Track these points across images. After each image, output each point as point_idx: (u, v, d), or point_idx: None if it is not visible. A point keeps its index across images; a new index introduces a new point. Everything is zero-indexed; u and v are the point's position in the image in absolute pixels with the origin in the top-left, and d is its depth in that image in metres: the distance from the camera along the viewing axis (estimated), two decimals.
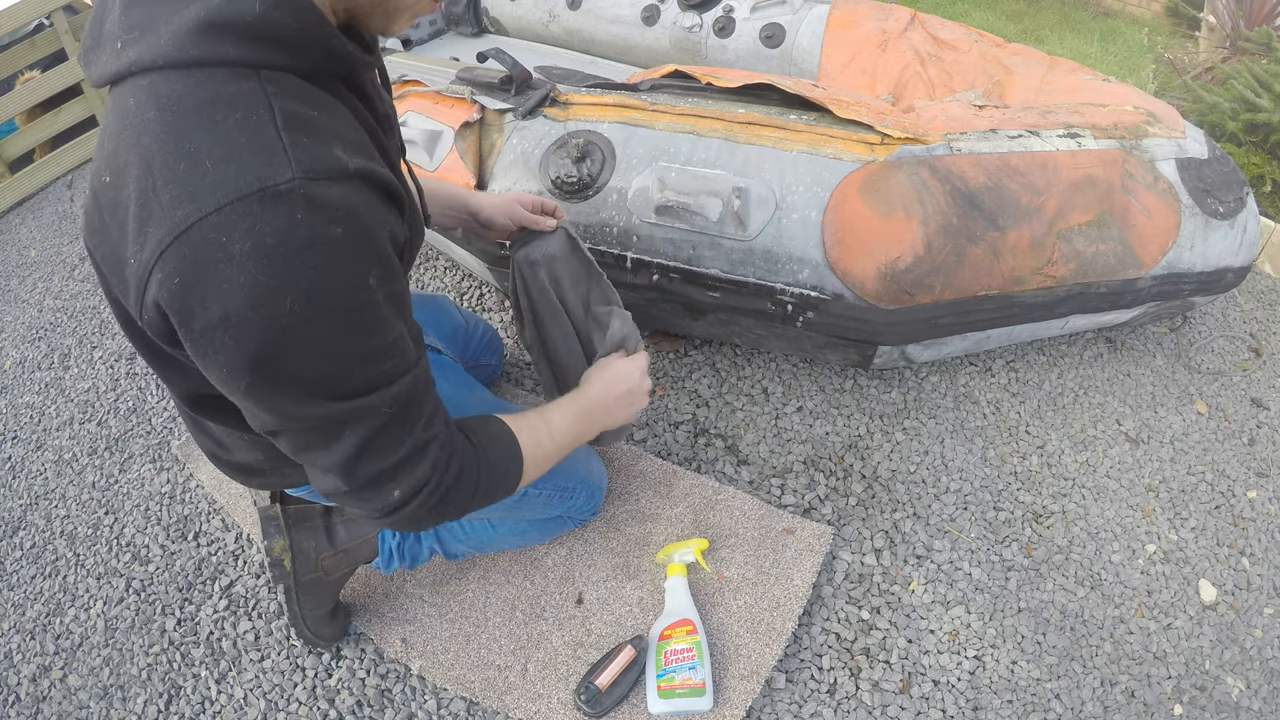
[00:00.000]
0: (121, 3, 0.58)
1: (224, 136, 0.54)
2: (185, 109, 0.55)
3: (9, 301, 2.09)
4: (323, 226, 0.56)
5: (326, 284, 0.57)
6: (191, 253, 0.54)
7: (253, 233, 0.53)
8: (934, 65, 1.80)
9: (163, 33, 0.55)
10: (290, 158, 0.55)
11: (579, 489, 1.20)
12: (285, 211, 0.54)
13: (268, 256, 0.54)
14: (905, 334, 1.35)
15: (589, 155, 1.36)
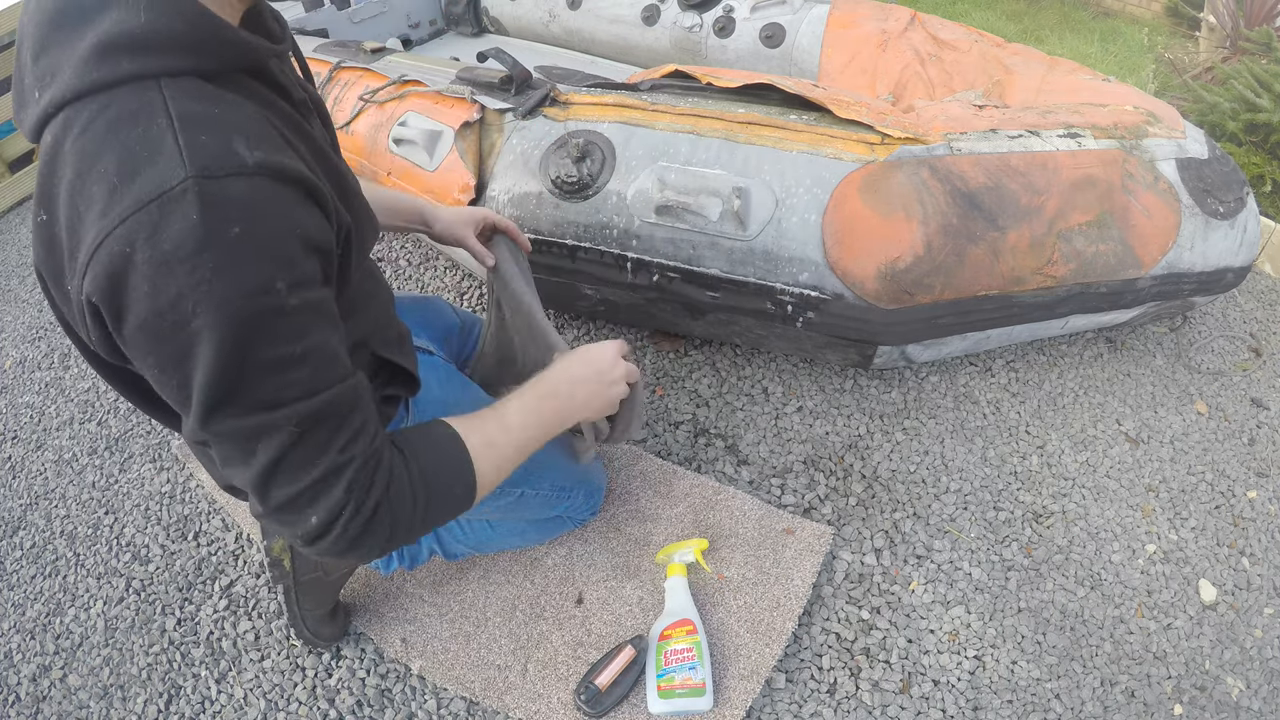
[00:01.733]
0: (30, 56, 0.58)
1: (127, 152, 0.54)
2: (95, 134, 0.55)
3: (9, 301, 2.09)
4: (218, 225, 0.54)
5: (225, 289, 0.55)
6: (104, 268, 0.54)
7: (152, 240, 0.53)
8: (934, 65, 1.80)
9: (66, 69, 0.56)
10: (184, 159, 0.54)
11: (578, 489, 1.20)
12: (182, 214, 0.53)
13: (165, 262, 0.53)
14: (905, 334, 1.35)
15: (589, 155, 1.36)
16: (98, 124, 0.55)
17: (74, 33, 0.56)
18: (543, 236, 1.41)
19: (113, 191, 0.54)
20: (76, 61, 0.56)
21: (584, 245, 1.38)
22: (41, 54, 0.58)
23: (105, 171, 0.54)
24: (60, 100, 0.56)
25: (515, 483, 1.10)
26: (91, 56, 0.55)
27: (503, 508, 1.14)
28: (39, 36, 0.58)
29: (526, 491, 1.13)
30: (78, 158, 0.55)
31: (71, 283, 0.57)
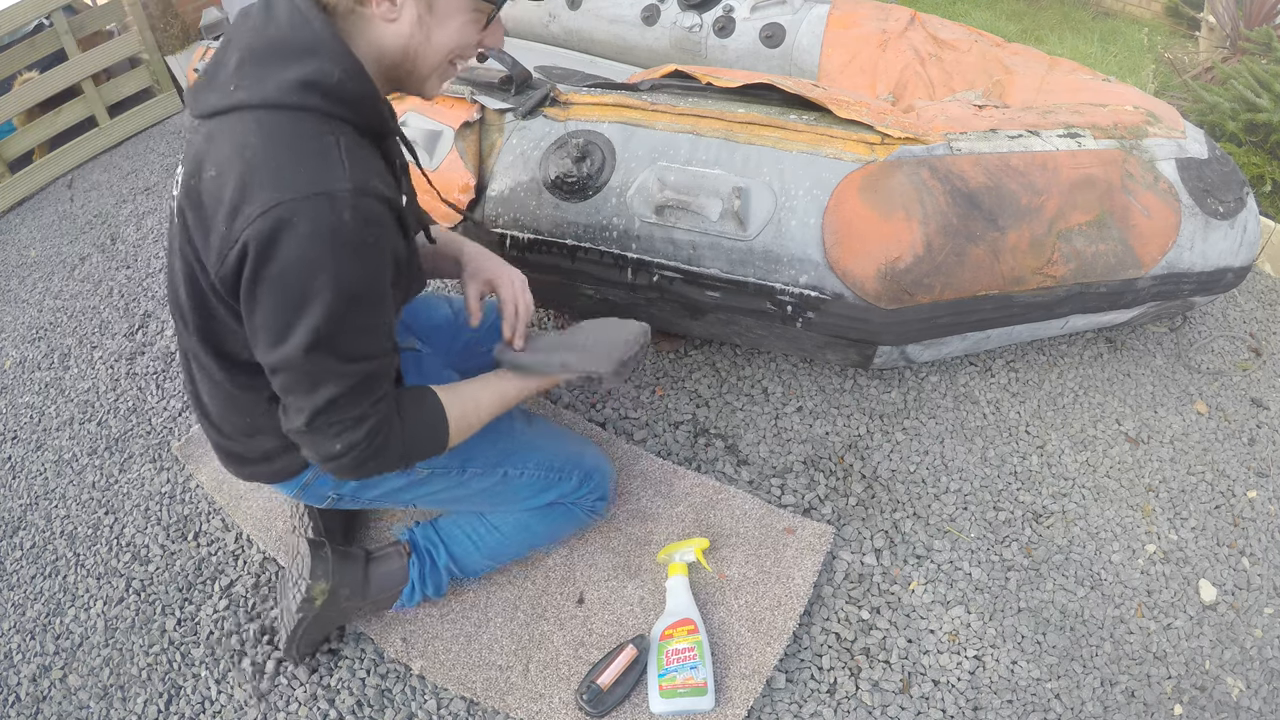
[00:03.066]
0: (236, 60, 0.81)
1: (305, 156, 0.78)
2: (281, 135, 0.79)
3: (9, 301, 2.09)
4: (360, 229, 0.79)
5: (354, 272, 0.79)
6: (272, 225, 0.75)
7: (313, 219, 0.76)
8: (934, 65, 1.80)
9: (270, 84, 0.79)
10: (347, 174, 0.79)
11: (571, 470, 1.19)
12: (337, 210, 0.77)
13: (320, 239, 0.76)
14: (905, 334, 1.35)
15: (589, 155, 1.36)
16: (285, 130, 0.79)
17: (283, 62, 0.80)
18: (543, 236, 1.41)
19: (291, 175, 0.76)
20: (281, 83, 0.79)
21: (584, 245, 1.38)
22: (249, 63, 0.81)
23: (284, 162, 0.77)
24: (256, 103, 0.79)
25: (496, 463, 1.13)
26: (295, 85, 0.79)
27: (489, 491, 1.15)
28: (250, 52, 0.81)
29: (510, 471, 1.14)
30: (263, 146, 0.78)
31: (229, 224, 0.77)
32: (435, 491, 1.13)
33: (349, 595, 1.14)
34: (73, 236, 2.29)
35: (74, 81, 2.49)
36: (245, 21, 0.85)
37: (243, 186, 0.77)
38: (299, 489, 1.07)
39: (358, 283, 0.80)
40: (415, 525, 1.25)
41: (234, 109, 0.81)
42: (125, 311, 1.97)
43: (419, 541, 1.21)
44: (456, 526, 1.22)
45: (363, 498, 1.13)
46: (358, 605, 1.17)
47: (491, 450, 1.13)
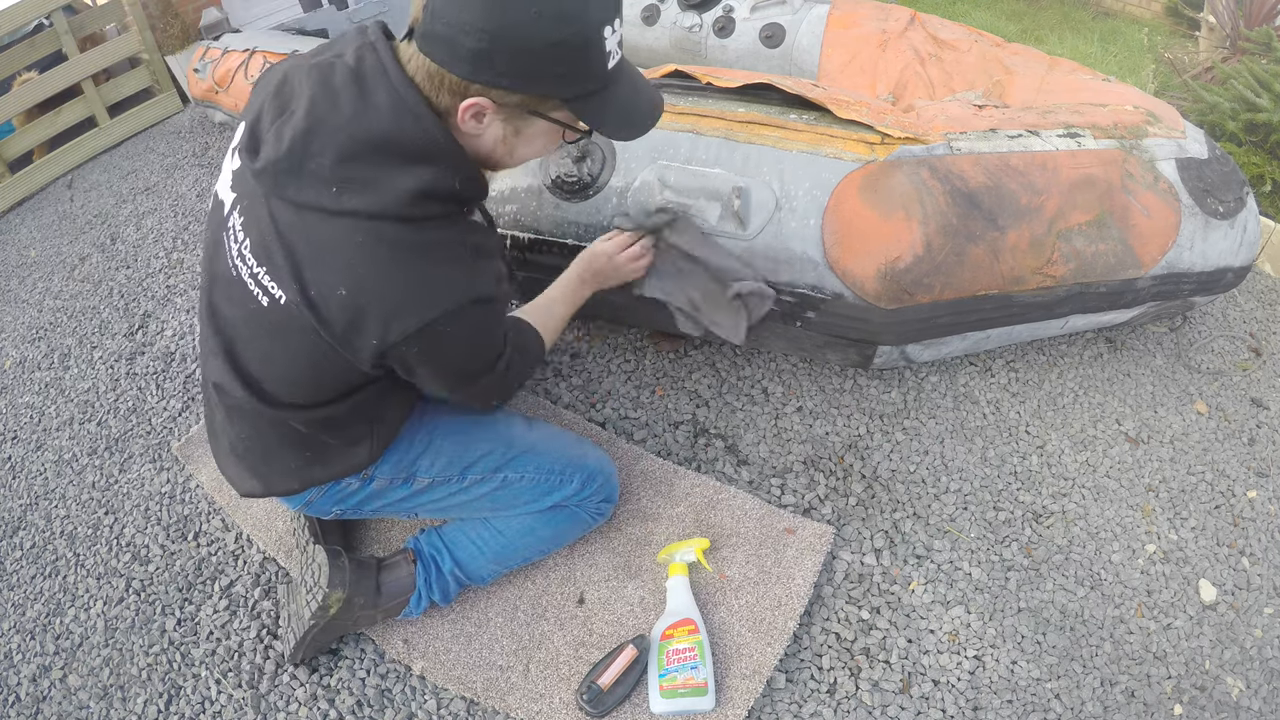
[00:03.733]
0: (335, 157, 0.79)
1: (446, 269, 0.84)
2: (413, 250, 0.82)
3: (9, 301, 2.09)
4: (495, 310, 0.93)
5: (494, 333, 0.97)
6: (427, 338, 0.84)
7: (464, 324, 0.86)
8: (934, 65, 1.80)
9: (386, 192, 0.79)
10: (484, 282, 0.87)
11: (572, 473, 1.19)
12: (482, 310, 0.87)
13: (470, 333, 0.89)
14: (905, 334, 1.35)
15: (589, 155, 1.36)
16: (412, 242, 0.81)
17: (395, 167, 0.80)
18: (543, 236, 1.41)
19: (434, 293, 0.82)
20: (398, 194, 0.79)
21: (585, 245, 1.38)
22: (351, 161, 0.79)
23: (428, 278, 0.82)
24: (373, 213, 0.80)
25: (496, 468, 1.14)
26: (414, 196, 0.80)
27: (490, 497, 1.15)
28: (353, 147, 0.79)
29: (509, 475, 1.14)
30: (394, 264, 0.81)
31: (380, 336, 0.83)
32: (437, 499, 1.14)
33: (363, 604, 1.15)
34: (73, 236, 2.29)
35: (74, 81, 2.49)
36: (327, 97, 0.81)
37: (387, 307, 0.81)
38: (303, 505, 1.09)
39: (495, 337, 0.97)
40: (420, 533, 1.25)
41: (343, 214, 0.80)
42: (125, 311, 1.97)
43: (423, 549, 1.21)
44: (461, 533, 1.22)
45: (365, 509, 1.14)
46: (370, 614, 1.18)
47: (491, 456, 1.14)
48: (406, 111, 0.79)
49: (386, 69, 0.80)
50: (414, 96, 0.79)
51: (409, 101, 0.79)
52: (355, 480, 1.07)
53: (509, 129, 0.85)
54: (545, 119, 0.84)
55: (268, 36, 2.50)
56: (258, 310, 0.88)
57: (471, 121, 0.81)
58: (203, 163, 2.53)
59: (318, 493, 1.06)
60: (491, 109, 0.80)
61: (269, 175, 0.82)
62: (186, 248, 2.16)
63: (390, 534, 1.37)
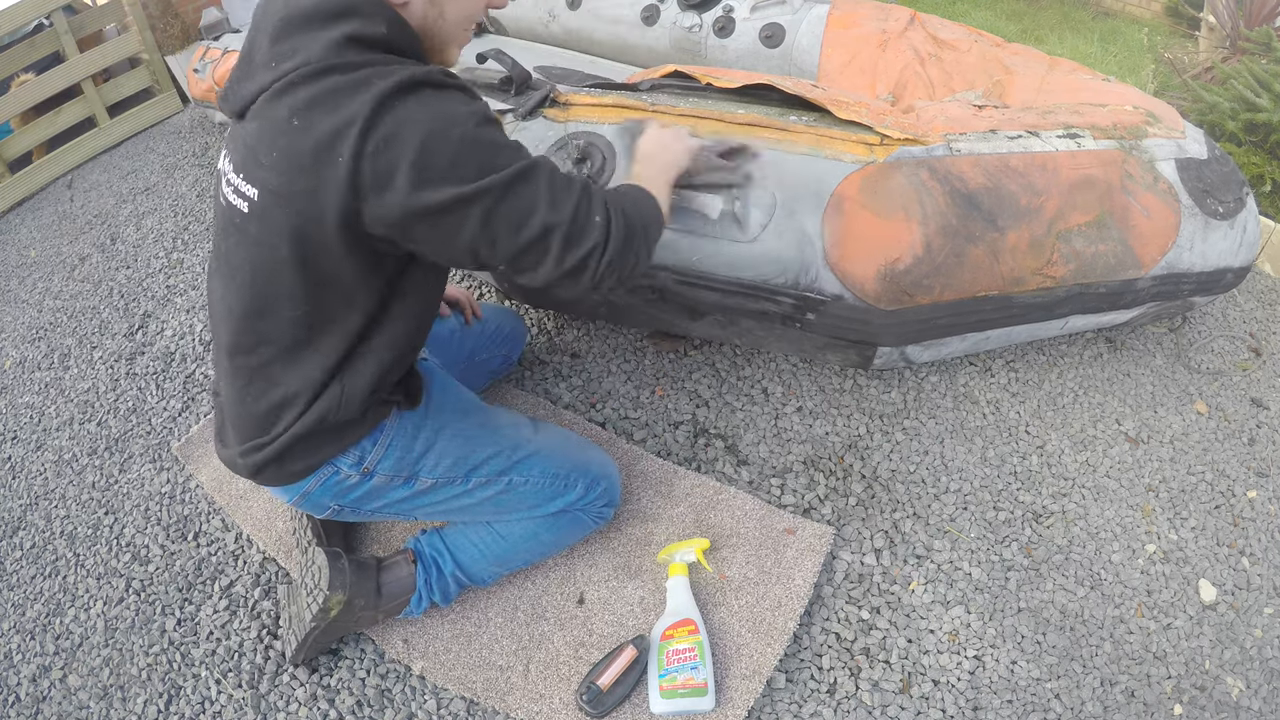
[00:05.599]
0: (270, 38, 0.82)
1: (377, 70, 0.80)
2: (350, 77, 0.80)
3: (9, 301, 2.09)
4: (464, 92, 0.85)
5: (476, 111, 0.84)
6: (385, 128, 0.79)
7: (420, 100, 0.80)
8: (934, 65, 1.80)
9: (312, 48, 0.80)
10: (429, 67, 0.84)
11: (577, 478, 1.18)
12: (438, 86, 0.82)
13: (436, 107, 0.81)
14: (905, 335, 1.35)
15: (589, 157, 1.36)
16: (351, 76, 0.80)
17: (320, 27, 0.81)
18: None
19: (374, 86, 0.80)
20: (324, 44, 0.80)
21: None
22: (282, 38, 0.82)
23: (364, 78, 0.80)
24: (304, 67, 0.80)
25: (501, 471, 1.12)
26: (337, 43, 0.80)
27: (494, 501, 1.14)
28: (283, 25, 0.82)
29: (514, 479, 1.13)
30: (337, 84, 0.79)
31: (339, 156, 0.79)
32: (439, 502, 1.13)
33: (363, 605, 1.15)
34: (73, 236, 2.29)
35: (74, 82, 2.49)
36: (267, 4, 0.85)
37: (334, 117, 0.78)
38: (299, 496, 1.07)
39: (486, 121, 0.85)
40: (421, 534, 1.25)
41: (279, 81, 0.81)
42: (125, 311, 1.97)
43: (424, 550, 1.21)
44: (463, 535, 1.21)
45: (364, 509, 1.12)
46: (370, 614, 1.18)
47: (497, 459, 1.13)
48: None
49: None
50: None
51: None
52: (355, 473, 1.05)
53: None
54: None
55: None
56: (241, 224, 0.88)
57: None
58: (203, 163, 2.53)
59: (315, 482, 1.04)
60: None
61: (230, 94, 0.86)
62: (186, 248, 2.16)
63: (391, 533, 1.37)
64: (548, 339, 1.73)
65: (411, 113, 0.79)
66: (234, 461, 1.05)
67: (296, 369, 0.96)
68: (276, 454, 1.00)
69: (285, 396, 0.98)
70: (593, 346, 1.70)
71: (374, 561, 1.19)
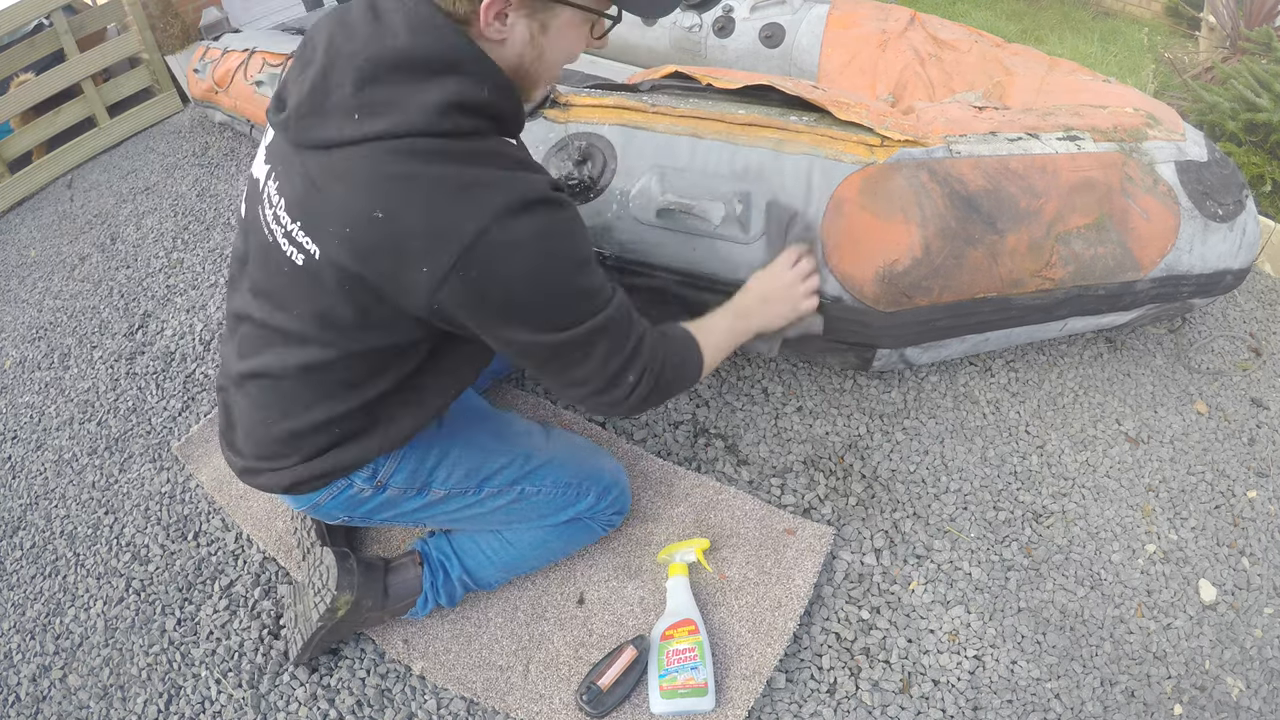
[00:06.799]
0: (354, 83, 0.76)
1: (492, 173, 0.77)
2: (452, 160, 0.76)
3: (9, 301, 2.09)
4: (562, 216, 0.81)
5: (569, 250, 0.82)
6: (482, 255, 0.75)
7: (524, 228, 0.76)
8: (934, 65, 1.80)
9: (409, 109, 0.75)
10: (537, 179, 0.80)
11: (588, 486, 1.18)
12: (542, 211, 0.78)
13: (534, 241, 0.77)
14: (904, 337, 1.35)
15: (590, 158, 1.36)
16: (450, 153, 0.76)
17: (417, 82, 0.75)
18: None
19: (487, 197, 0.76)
20: (423, 107, 0.75)
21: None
22: (370, 85, 0.76)
23: (472, 185, 0.75)
24: (398, 132, 0.75)
25: (513, 481, 1.11)
26: (438, 108, 0.75)
27: (505, 510, 1.14)
28: (371, 69, 0.76)
29: (526, 488, 1.12)
30: (437, 175, 0.75)
31: (431, 260, 0.75)
32: (451, 511, 1.12)
33: (370, 606, 1.15)
34: (73, 236, 2.29)
35: (73, 81, 2.49)
36: (344, 31, 0.79)
37: (430, 226, 0.74)
38: (310, 506, 1.07)
39: (583, 257, 0.84)
40: (429, 536, 1.25)
41: (368, 140, 0.75)
42: (125, 311, 1.97)
43: (431, 554, 1.21)
44: (471, 541, 1.21)
45: (375, 519, 1.13)
46: (376, 616, 1.18)
47: (509, 469, 1.12)
48: (422, 24, 0.76)
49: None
50: (428, 9, 0.76)
51: (423, 14, 0.76)
52: (368, 487, 1.04)
53: (535, 25, 0.81)
54: (569, 5, 0.80)
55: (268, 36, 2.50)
56: (293, 272, 0.84)
57: (495, 24, 0.78)
58: (203, 163, 2.53)
59: (326, 495, 1.04)
60: (514, 5, 0.78)
61: (294, 123, 0.80)
62: (186, 247, 2.16)
63: (392, 533, 1.38)
64: None
65: (516, 243, 0.76)
66: (242, 470, 1.04)
67: (331, 402, 0.94)
68: (293, 478, 1.00)
69: (314, 425, 0.96)
70: None
71: (381, 562, 1.19)
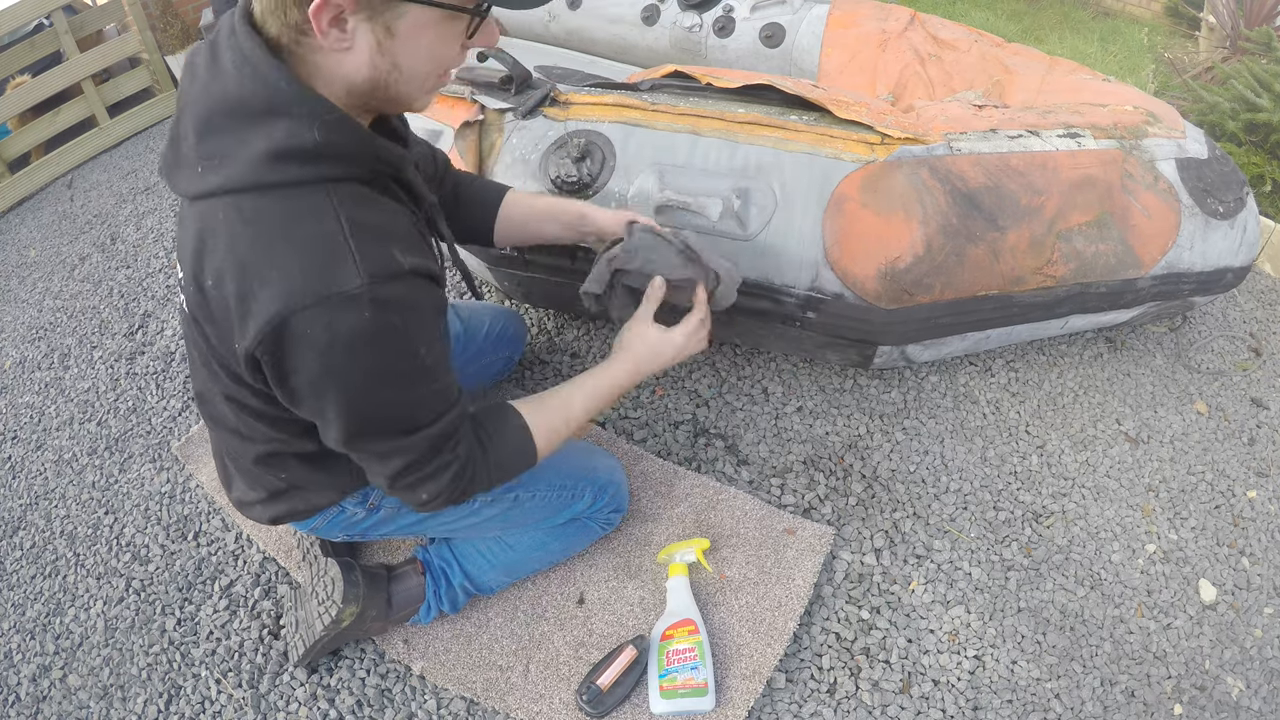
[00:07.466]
0: (195, 134, 0.70)
1: (305, 250, 0.68)
2: (269, 224, 0.68)
3: (9, 301, 2.09)
4: (384, 318, 0.70)
5: (386, 361, 0.72)
6: (284, 339, 0.68)
7: (329, 327, 0.68)
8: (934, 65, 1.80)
9: (238, 161, 0.68)
10: (358, 266, 0.68)
11: (583, 487, 1.18)
12: (355, 310, 0.68)
13: (341, 343, 0.69)
14: (905, 334, 1.35)
15: (589, 155, 1.36)
16: (271, 216, 0.68)
17: (245, 129, 0.68)
18: None
19: (291, 280, 0.67)
20: (250, 159, 0.68)
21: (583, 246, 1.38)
22: (208, 135, 0.70)
23: (282, 261, 0.67)
24: (230, 188, 0.69)
25: (507, 487, 1.11)
26: (266, 159, 0.67)
27: (501, 516, 1.14)
28: (206, 118, 0.70)
29: (521, 494, 1.12)
30: (253, 242, 0.68)
31: (240, 339, 0.71)
32: (448, 522, 1.13)
33: (374, 616, 1.16)
34: (73, 236, 2.29)
35: (73, 81, 2.49)
36: (189, 75, 0.73)
37: (244, 297, 0.69)
38: (309, 529, 1.08)
39: (393, 371, 0.73)
40: (430, 543, 1.25)
41: (209, 195, 0.70)
42: (125, 311, 1.97)
43: (433, 561, 1.21)
44: (470, 546, 1.22)
45: (373, 535, 1.13)
46: (380, 625, 1.19)
47: None
48: (244, 62, 0.68)
49: (234, 25, 0.70)
50: (251, 43, 0.68)
51: (246, 51, 0.68)
52: (361, 510, 1.05)
53: (379, 29, 0.68)
54: (415, 2, 0.68)
55: None
56: (185, 319, 0.82)
57: (334, 33, 0.67)
58: None
59: (321, 520, 1.04)
60: (349, 6, 0.66)
61: (164, 173, 0.76)
62: None
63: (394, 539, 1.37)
64: (548, 339, 1.73)
65: (312, 342, 0.69)
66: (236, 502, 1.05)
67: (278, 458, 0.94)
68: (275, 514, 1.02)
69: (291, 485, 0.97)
70: (593, 346, 1.70)
71: (384, 571, 1.20)
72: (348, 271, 0.68)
